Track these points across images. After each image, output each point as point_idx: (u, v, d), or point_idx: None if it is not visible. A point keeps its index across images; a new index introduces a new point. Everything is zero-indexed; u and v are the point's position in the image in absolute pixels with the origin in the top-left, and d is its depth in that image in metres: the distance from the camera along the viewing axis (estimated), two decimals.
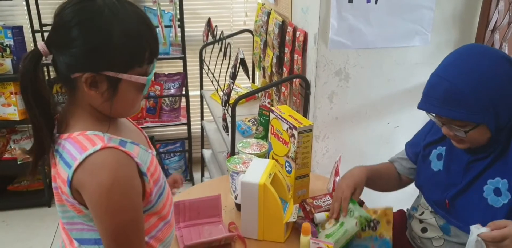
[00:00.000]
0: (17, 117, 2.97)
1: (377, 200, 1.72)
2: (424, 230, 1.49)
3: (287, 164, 1.66)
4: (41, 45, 0.97)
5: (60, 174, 0.99)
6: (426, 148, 1.51)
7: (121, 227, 0.99)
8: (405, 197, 1.75)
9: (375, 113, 2.17)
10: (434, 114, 1.31)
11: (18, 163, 3.07)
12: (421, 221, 1.50)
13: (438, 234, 1.43)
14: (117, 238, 1.00)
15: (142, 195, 1.05)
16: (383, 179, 1.62)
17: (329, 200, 1.60)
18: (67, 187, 0.97)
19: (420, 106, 1.31)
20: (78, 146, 0.97)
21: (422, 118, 2.17)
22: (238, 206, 1.63)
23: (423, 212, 1.49)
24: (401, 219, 1.67)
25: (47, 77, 2.95)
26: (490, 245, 1.13)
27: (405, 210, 1.71)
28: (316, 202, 1.58)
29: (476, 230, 1.15)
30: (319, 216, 1.50)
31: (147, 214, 1.09)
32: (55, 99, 1.05)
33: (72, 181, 0.96)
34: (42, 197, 3.20)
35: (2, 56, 2.91)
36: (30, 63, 0.96)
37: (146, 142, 1.18)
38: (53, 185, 1.06)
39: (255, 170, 1.48)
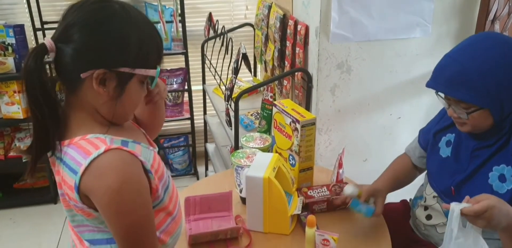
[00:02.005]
0: (21, 115, 2.99)
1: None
2: (428, 217, 1.51)
3: (290, 157, 1.68)
4: (48, 41, 0.97)
5: (66, 181, 1.00)
6: (436, 135, 1.52)
7: (133, 226, 1.00)
8: (408, 187, 1.76)
9: (377, 105, 2.18)
10: (442, 96, 1.34)
11: (23, 161, 3.10)
12: (426, 208, 1.52)
13: (443, 221, 1.45)
14: (130, 237, 1.01)
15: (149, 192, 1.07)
16: (401, 181, 1.65)
17: (325, 191, 1.62)
18: (75, 193, 0.98)
19: (428, 84, 1.35)
20: (81, 151, 0.98)
21: (424, 109, 2.20)
22: (243, 200, 1.65)
23: (427, 199, 1.51)
24: (404, 209, 1.69)
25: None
26: (472, 219, 1.16)
27: (408, 200, 1.73)
28: (310, 192, 1.60)
29: (457, 206, 1.17)
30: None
31: (155, 209, 1.11)
32: (59, 97, 1.05)
33: (80, 186, 0.97)
34: (48, 194, 3.23)
35: (4, 55, 2.92)
36: (35, 60, 0.95)
37: (146, 139, 1.20)
38: (59, 191, 1.07)
39: (259, 164, 1.49)
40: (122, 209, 0.98)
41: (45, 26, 3.08)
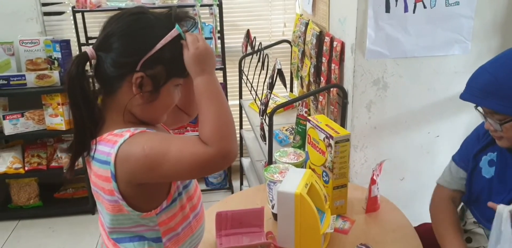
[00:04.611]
0: (63, 127, 3.10)
1: (410, 204, 1.70)
2: (468, 240, 1.45)
3: (324, 173, 1.66)
4: (89, 49, 1.05)
5: (100, 174, 1.05)
6: (476, 157, 1.46)
7: (175, 161, 0.99)
8: None
9: (414, 122, 2.14)
10: (481, 110, 1.32)
11: (64, 171, 3.20)
12: (465, 231, 1.46)
13: (484, 245, 1.40)
14: (181, 169, 1.01)
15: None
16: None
17: None
18: (113, 182, 1.02)
19: (461, 96, 1.35)
20: (109, 143, 1.03)
21: (463, 127, 2.14)
22: (275, 216, 1.64)
23: (467, 223, 1.46)
24: None
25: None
26: None
27: None
28: None
29: (505, 208, 1.15)
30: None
31: (182, 201, 1.15)
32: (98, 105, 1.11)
33: (117, 174, 1.01)
34: (86, 204, 3.32)
35: (51, 69, 3.04)
36: (77, 67, 1.03)
37: None
38: (92, 189, 1.12)
39: (292, 180, 1.48)
40: (156, 162, 0.99)
41: (90, 41, 3.18)
